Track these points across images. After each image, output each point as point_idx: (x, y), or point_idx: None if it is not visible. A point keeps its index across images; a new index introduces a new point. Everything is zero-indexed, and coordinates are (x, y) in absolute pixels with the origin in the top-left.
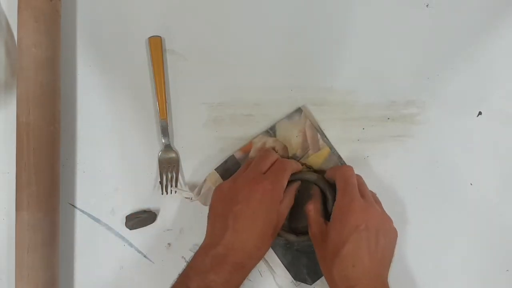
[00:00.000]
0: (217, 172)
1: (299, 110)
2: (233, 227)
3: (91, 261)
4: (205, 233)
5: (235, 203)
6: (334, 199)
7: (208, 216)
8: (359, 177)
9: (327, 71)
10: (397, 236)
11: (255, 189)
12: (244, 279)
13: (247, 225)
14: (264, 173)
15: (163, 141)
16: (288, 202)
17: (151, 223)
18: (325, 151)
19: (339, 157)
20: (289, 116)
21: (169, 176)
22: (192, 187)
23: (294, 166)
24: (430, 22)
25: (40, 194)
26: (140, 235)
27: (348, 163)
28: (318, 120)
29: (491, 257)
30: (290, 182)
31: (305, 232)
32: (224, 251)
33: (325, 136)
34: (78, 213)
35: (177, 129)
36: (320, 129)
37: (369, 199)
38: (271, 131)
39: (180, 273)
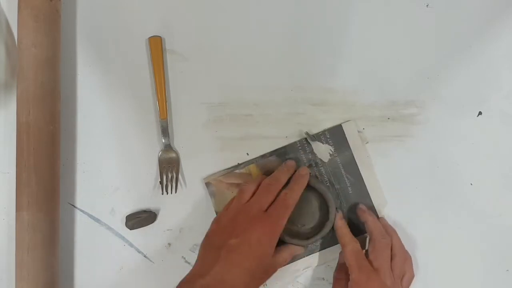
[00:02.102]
0: None
1: (208, 183)
2: (225, 260)
3: (91, 261)
4: (204, 232)
5: (232, 237)
6: (334, 218)
7: (201, 245)
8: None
9: (327, 71)
10: None
11: (254, 227)
12: None
13: (239, 260)
14: (266, 209)
15: (163, 141)
16: (285, 258)
17: (151, 223)
18: (252, 168)
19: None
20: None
21: (169, 176)
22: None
23: (297, 195)
24: (430, 22)
25: (40, 194)
26: (140, 235)
27: None
28: (318, 120)
29: (491, 257)
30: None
31: (292, 234)
32: (212, 282)
33: (238, 167)
34: (78, 213)
35: (177, 129)
36: (232, 170)
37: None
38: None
39: None
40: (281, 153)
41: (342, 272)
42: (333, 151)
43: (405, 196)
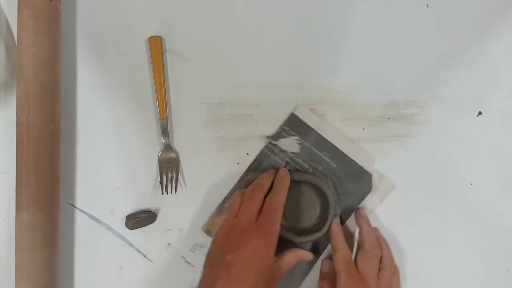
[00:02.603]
0: None
1: (207, 231)
2: (226, 277)
3: (91, 261)
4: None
5: (228, 253)
6: (334, 198)
7: (203, 265)
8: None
9: (327, 71)
10: None
11: (248, 239)
12: None
13: (239, 276)
14: (257, 219)
15: (163, 141)
16: (289, 261)
17: (151, 223)
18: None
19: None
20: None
21: (169, 176)
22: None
23: (283, 197)
24: (430, 22)
25: (40, 194)
26: (140, 235)
27: None
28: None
29: (491, 257)
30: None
31: (304, 232)
32: None
33: (226, 201)
34: (78, 213)
35: (177, 129)
36: (222, 207)
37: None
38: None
39: None
40: (256, 167)
41: (326, 280)
42: (299, 139)
43: (405, 196)
